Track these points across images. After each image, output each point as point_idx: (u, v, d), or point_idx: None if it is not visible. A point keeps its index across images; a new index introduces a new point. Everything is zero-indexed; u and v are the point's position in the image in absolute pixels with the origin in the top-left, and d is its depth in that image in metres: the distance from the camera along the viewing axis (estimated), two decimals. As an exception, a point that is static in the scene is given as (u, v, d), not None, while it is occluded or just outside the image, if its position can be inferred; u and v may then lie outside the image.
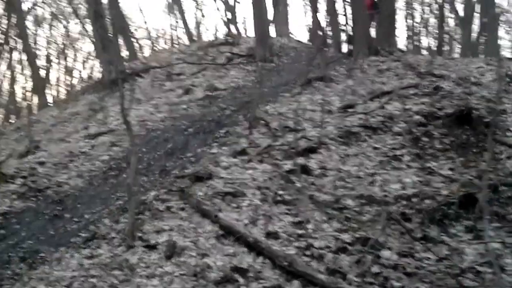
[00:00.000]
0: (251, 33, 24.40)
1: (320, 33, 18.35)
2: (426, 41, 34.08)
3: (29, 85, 26.80)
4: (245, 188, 7.37)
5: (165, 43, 38.42)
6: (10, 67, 26.39)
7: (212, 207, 6.82)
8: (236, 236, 6.04)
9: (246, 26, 42.65)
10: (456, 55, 25.96)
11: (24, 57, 26.35)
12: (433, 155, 8.22)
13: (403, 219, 6.33)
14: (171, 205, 7.05)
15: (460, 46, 28.52)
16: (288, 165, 7.92)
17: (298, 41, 22.80)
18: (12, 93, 28.50)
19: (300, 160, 7.78)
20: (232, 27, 26.19)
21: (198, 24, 36.60)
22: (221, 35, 25.87)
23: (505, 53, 29.76)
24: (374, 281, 5.29)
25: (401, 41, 32.85)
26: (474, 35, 26.19)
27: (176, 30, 49.90)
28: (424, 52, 28.33)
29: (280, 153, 8.38)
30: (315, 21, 20.77)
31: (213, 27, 62.60)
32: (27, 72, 27.51)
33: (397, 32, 25.60)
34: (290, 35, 25.68)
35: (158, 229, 6.42)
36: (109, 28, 18.77)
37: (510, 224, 6.32)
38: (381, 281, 5.31)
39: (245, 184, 7.46)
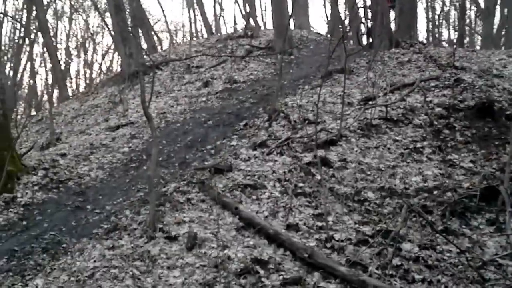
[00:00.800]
0: (270, 25, 24.42)
1: (340, 25, 18.25)
2: (447, 34, 33.76)
3: (50, 78, 27.00)
4: (265, 180, 7.38)
5: (184, 36, 38.50)
6: (30, 60, 26.63)
7: (232, 199, 6.86)
8: (257, 228, 6.06)
9: (265, 18, 42.58)
10: (477, 48, 25.64)
11: (44, 50, 26.55)
12: (454, 147, 8.17)
13: (424, 211, 6.30)
14: (191, 197, 7.09)
15: (481, 38, 28.19)
16: (308, 157, 7.93)
17: (318, 33, 22.68)
18: (32, 86, 28.77)
19: (320, 153, 7.76)
20: (251, 20, 26.13)
21: (217, 17, 36.58)
22: (240, 28, 25.79)
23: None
24: (395, 274, 5.29)
25: (422, 33, 32.58)
26: (495, 27, 25.88)
27: (195, 23, 50.06)
28: (445, 44, 28.07)
29: (300, 145, 8.39)
30: (335, 13, 20.65)
31: (232, 20, 62.55)
32: (48, 65, 27.75)
33: (418, 24, 25.33)
34: (310, 27, 25.56)
35: (179, 221, 6.46)
36: (129, 21, 18.86)
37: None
38: (402, 274, 5.30)
39: (265, 177, 7.47)
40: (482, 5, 26.69)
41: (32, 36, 26.80)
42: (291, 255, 5.64)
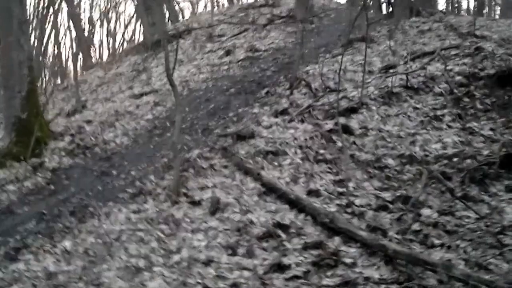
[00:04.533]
0: (291, -6, 24.06)
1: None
2: (466, 3, 33.09)
3: (74, 47, 27.04)
4: (286, 147, 7.38)
5: (206, 5, 38.22)
6: (55, 29, 26.65)
7: (254, 165, 6.87)
8: (278, 194, 6.08)
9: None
10: (496, 17, 25.11)
11: (68, 19, 26.54)
12: (474, 115, 8.06)
13: (444, 178, 6.25)
14: (214, 163, 7.12)
15: (500, 8, 27.60)
16: (329, 124, 7.88)
17: (338, 2, 22.39)
18: (57, 54, 28.86)
19: (342, 120, 7.71)
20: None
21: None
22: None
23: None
24: (414, 239, 5.28)
25: (441, 2, 31.99)
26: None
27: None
28: (464, 13, 27.55)
29: (321, 113, 8.34)
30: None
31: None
32: (72, 34, 27.76)
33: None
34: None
35: (202, 186, 6.51)
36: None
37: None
38: (421, 239, 5.29)
39: (286, 143, 7.46)
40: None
41: (56, 6, 26.81)
42: (312, 220, 5.64)
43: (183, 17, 28.53)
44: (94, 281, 4.86)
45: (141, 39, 23.13)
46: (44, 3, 21.87)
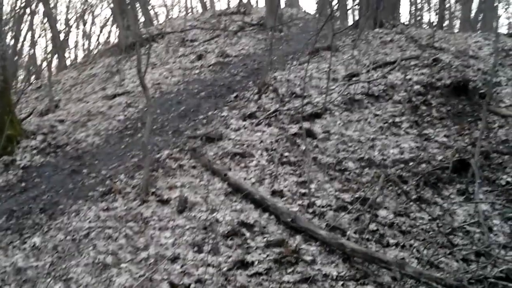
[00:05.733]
0: (262, 3, 24.20)
1: (328, 4, 18.14)
2: (428, 16, 33.64)
3: (49, 47, 26.65)
4: (253, 149, 7.43)
5: (180, 11, 38.04)
6: (31, 29, 26.23)
7: (222, 166, 6.90)
8: (244, 194, 6.12)
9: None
10: (456, 30, 25.61)
11: (44, 20, 26.16)
12: (430, 122, 8.25)
13: (400, 181, 6.40)
14: (183, 163, 7.13)
15: (459, 22, 28.13)
16: (294, 128, 7.98)
17: (307, 12, 22.56)
18: (32, 55, 28.39)
19: (306, 124, 7.79)
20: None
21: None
22: (233, 4, 25.56)
23: (502, 29, 29.53)
24: (371, 238, 5.39)
25: (404, 15, 32.45)
26: (473, 11, 25.85)
27: (190, -2, 49.44)
28: (426, 26, 28.00)
29: (287, 117, 8.42)
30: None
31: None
32: (48, 35, 27.38)
33: (401, 6, 25.20)
34: (299, 6, 25.40)
35: (171, 186, 6.51)
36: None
37: (499, 188, 6.40)
38: (377, 238, 5.41)
39: (253, 146, 7.52)
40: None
41: (33, 6, 26.39)
42: (275, 219, 5.71)
43: (157, 22, 28.36)
44: (62, 276, 4.83)
45: (116, 41, 22.90)
46: (21, 3, 21.60)
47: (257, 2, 31.93)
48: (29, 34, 24.29)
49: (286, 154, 7.29)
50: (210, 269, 4.82)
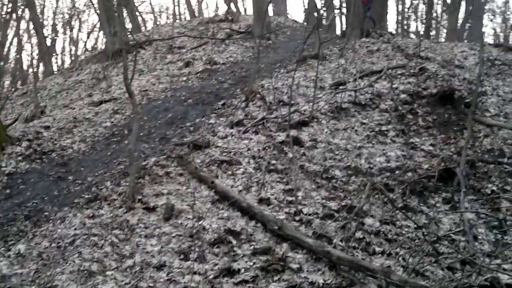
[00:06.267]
0: (250, 11, 24.28)
1: (315, 13, 18.25)
2: (415, 26, 33.94)
3: (36, 53, 26.53)
4: (240, 157, 7.44)
5: (168, 18, 38.05)
6: (17, 35, 26.09)
7: (208, 174, 6.90)
8: (231, 201, 6.11)
9: (246, 4, 42.27)
10: (442, 40, 25.90)
11: (31, 26, 26.05)
12: (416, 131, 8.32)
13: (386, 189, 6.42)
14: (170, 170, 7.11)
15: (446, 32, 28.44)
16: (281, 136, 7.99)
17: (294, 20, 22.67)
18: (18, 60, 28.21)
19: (293, 132, 7.82)
20: (232, 5, 25.93)
21: (199, 1, 36.21)
22: (221, 12, 25.62)
23: (488, 39, 29.90)
24: (357, 246, 5.40)
25: (391, 24, 32.71)
26: (459, 21, 26.15)
27: (178, 6, 49.60)
28: (412, 36, 28.27)
29: (274, 125, 8.44)
30: (311, 1, 20.63)
31: (214, 4, 61.89)
32: (34, 40, 27.26)
33: (388, 16, 25.43)
34: (287, 14, 25.52)
35: (157, 193, 6.49)
36: (114, 0, 18.57)
37: (485, 197, 6.45)
38: (364, 246, 5.42)
39: (240, 153, 7.53)
40: (449, 0, 26.93)
41: (20, 12, 26.25)
42: (262, 227, 5.71)
43: (145, 28, 28.34)
44: (47, 284, 4.79)
45: (103, 47, 22.84)
46: (7, 8, 21.48)
47: (245, 10, 31.97)
48: (15, 39, 24.14)
49: (273, 162, 7.30)
50: (196, 277, 4.81)
